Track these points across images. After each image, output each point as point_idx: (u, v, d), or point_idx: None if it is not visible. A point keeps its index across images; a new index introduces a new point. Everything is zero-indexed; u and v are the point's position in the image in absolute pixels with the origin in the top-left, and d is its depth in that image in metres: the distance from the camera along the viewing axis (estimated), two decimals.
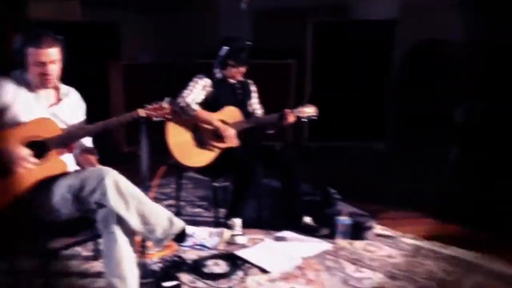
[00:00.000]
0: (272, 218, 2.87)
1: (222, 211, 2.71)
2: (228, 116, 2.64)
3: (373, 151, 4.72)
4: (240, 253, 2.38)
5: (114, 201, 1.71)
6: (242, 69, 2.66)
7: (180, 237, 1.85)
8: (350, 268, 2.28)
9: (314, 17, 5.04)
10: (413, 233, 2.72)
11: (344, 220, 2.54)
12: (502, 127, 4.71)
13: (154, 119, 2.04)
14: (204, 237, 2.35)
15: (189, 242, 2.29)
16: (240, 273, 2.20)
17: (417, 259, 2.38)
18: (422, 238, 2.64)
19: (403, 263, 2.33)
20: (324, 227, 2.66)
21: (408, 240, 2.61)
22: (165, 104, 2.06)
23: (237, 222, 2.57)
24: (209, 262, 2.29)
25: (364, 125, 4.79)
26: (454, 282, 2.15)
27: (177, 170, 2.86)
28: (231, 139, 2.56)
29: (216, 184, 2.74)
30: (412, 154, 4.78)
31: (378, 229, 2.73)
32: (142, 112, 2.01)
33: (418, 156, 4.68)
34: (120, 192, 1.73)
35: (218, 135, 2.59)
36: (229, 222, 2.58)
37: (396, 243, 2.58)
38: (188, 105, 2.50)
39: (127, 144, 4.49)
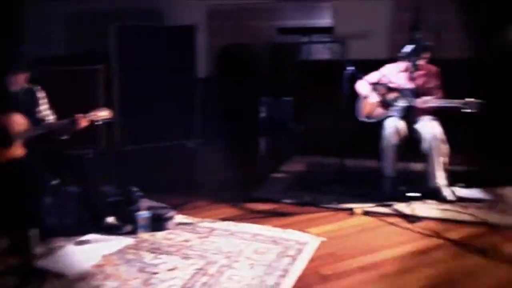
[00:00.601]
0: (75, 224, 2.86)
1: None
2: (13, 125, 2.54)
3: (186, 149, 4.99)
4: (38, 263, 2.34)
5: None
6: (22, 76, 2.59)
7: None
8: (148, 257, 2.45)
9: (129, 21, 5.08)
10: (212, 217, 3.04)
11: (143, 214, 2.71)
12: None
13: None
14: None
15: None
16: (35, 284, 2.18)
17: (209, 239, 2.69)
18: (219, 220, 2.98)
19: (197, 244, 2.61)
20: (128, 224, 2.78)
21: (206, 224, 2.91)
22: None
23: (34, 232, 2.50)
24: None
25: (176, 124, 5.02)
26: (237, 251, 2.51)
27: None
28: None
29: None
30: (222, 148, 5.22)
31: (180, 218, 2.97)
32: None
33: (228, 149, 5.14)
34: None
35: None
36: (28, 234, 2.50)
37: (194, 228, 2.85)
38: None
39: None
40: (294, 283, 2.19)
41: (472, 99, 3.06)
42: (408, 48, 3.25)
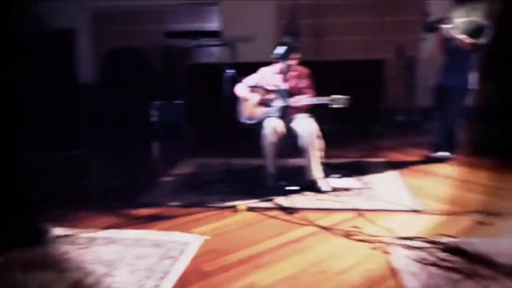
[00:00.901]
0: None
1: None
2: None
3: (72, 158, 4.76)
4: None
5: None
6: None
7: None
8: (19, 275, 2.31)
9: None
10: (95, 227, 2.94)
11: None
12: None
13: None
14: None
15: None
16: None
17: (90, 249, 2.61)
18: (102, 229, 2.90)
19: (75, 256, 2.52)
20: None
21: (86, 235, 2.81)
22: None
23: None
24: None
25: (60, 133, 4.77)
26: (118, 258, 2.47)
27: None
28: None
29: None
30: (111, 155, 5.06)
31: (58, 231, 2.84)
32: None
33: (118, 156, 5.00)
34: None
35: None
36: None
37: (73, 240, 2.74)
38: None
39: None
40: (175, 283, 2.23)
41: (339, 96, 3.36)
42: (279, 50, 3.47)
